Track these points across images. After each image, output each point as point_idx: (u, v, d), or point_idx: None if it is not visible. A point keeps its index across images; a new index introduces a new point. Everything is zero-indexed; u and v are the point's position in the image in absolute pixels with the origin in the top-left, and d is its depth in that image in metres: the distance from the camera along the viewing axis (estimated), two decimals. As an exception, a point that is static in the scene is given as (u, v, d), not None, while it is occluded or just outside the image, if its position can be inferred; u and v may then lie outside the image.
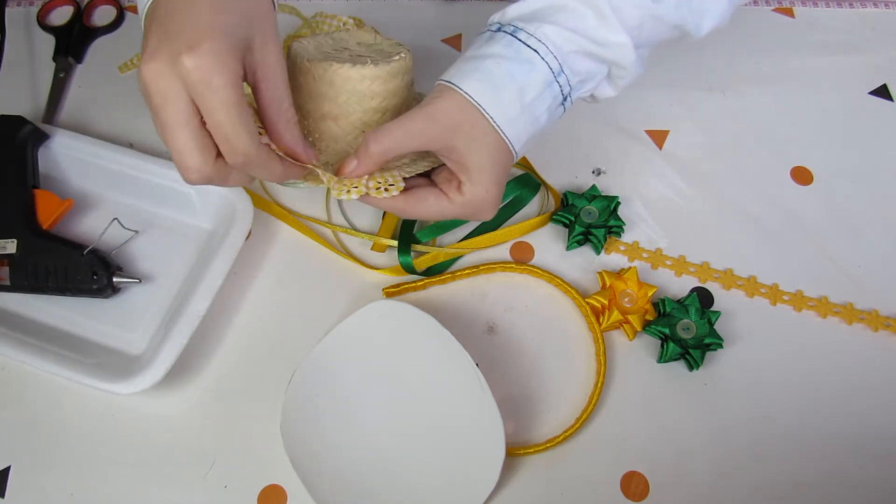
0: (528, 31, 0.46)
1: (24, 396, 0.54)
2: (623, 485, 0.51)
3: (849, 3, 0.75)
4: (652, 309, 0.56)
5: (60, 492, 0.51)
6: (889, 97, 0.69)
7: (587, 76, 0.48)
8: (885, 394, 0.55)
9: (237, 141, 0.39)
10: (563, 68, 0.47)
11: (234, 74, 0.38)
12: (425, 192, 0.48)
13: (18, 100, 0.67)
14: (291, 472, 0.49)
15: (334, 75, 0.47)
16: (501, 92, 0.45)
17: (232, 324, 0.57)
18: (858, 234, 0.61)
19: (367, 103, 0.48)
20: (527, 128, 0.47)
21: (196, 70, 0.37)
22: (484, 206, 0.48)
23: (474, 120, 0.45)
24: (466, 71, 0.46)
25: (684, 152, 0.65)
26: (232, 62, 0.38)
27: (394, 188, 0.46)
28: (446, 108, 0.45)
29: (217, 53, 0.37)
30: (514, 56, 0.46)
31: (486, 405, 0.49)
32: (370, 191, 0.46)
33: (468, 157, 0.46)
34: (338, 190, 0.45)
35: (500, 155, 0.47)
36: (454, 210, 0.48)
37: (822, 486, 0.51)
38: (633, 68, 0.49)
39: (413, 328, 0.52)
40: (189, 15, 0.38)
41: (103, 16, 0.73)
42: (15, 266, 0.54)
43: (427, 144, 0.46)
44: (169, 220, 0.60)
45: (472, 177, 0.46)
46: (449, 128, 0.45)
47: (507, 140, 0.46)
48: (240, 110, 0.39)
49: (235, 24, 0.39)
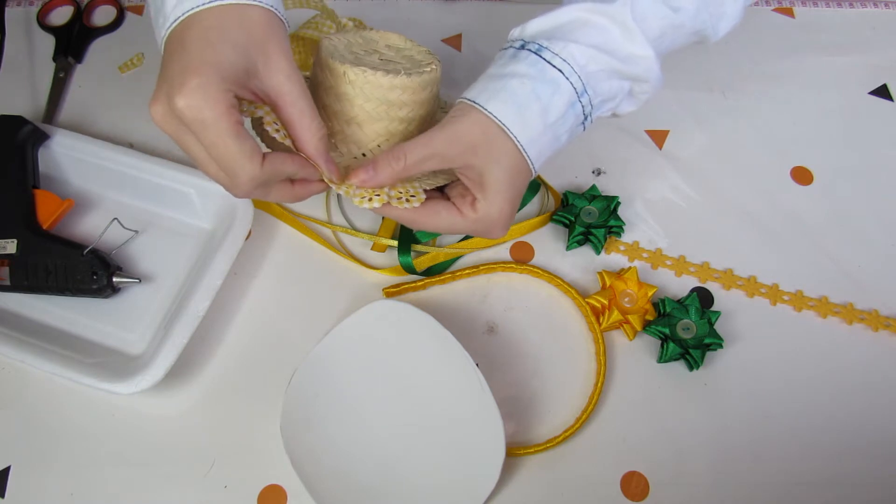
0: (553, 50, 0.46)
1: (24, 396, 0.54)
2: (623, 485, 0.51)
3: (849, 3, 0.75)
4: (652, 309, 0.56)
5: (60, 492, 0.51)
6: (889, 97, 0.69)
7: (608, 96, 0.48)
8: (885, 394, 0.55)
9: (237, 172, 0.41)
10: (586, 88, 0.47)
11: (224, 106, 0.39)
12: (438, 206, 0.48)
13: (18, 100, 0.67)
14: (291, 472, 0.49)
15: (365, 82, 0.47)
16: (525, 112, 0.45)
17: (232, 324, 0.57)
18: (858, 234, 0.61)
19: (394, 112, 0.48)
20: (547, 147, 0.47)
21: (187, 109, 0.39)
22: (496, 224, 0.48)
23: (495, 139, 0.45)
24: (491, 91, 0.46)
25: (684, 152, 0.65)
26: (221, 94, 0.39)
27: (415, 199, 0.46)
28: (468, 129, 0.45)
29: (204, 88, 0.39)
30: (539, 76, 0.46)
31: (486, 405, 0.49)
32: (392, 200, 0.46)
33: (485, 176, 0.46)
34: (360, 198, 0.45)
35: (518, 176, 0.47)
36: (465, 225, 0.48)
37: (821, 486, 0.51)
38: (656, 82, 0.49)
39: (413, 328, 0.52)
40: (182, 55, 0.40)
41: (103, 16, 0.73)
42: (15, 266, 0.54)
43: (446, 163, 0.46)
44: (169, 220, 0.60)
45: (487, 195, 0.46)
46: (469, 147, 0.45)
47: (528, 159, 0.46)
48: (233, 142, 0.40)
49: (226, 56, 0.40)
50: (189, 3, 0.41)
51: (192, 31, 0.40)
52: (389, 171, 0.45)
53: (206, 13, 0.41)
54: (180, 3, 0.41)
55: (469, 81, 0.48)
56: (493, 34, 0.72)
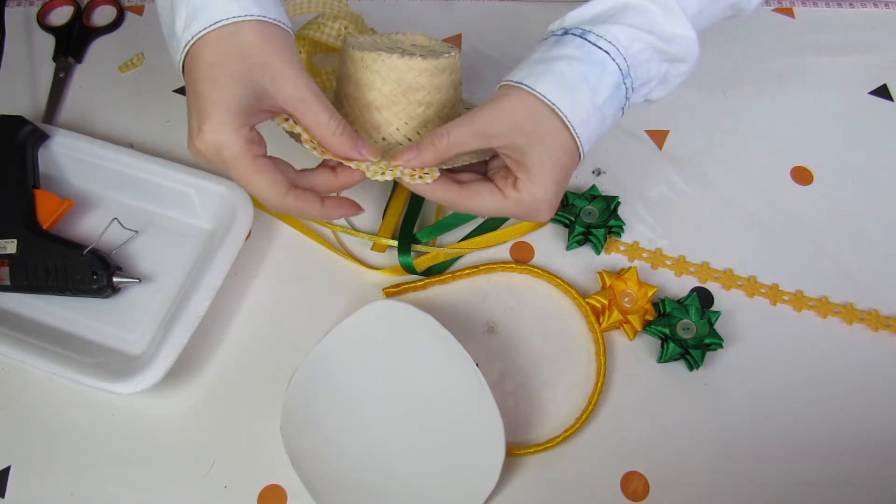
0: (597, 32, 0.46)
1: (24, 396, 0.54)
2: (623, 485, 0.51)
3: (849, 3, 0.75)
4: (652, 309, 0.56)
5: (60, 492, 0.51)
6: (889, 97, 0.69)
7: (646, 79, 0.48)
8: (885, 394, 0.55)
9: (263, 198, 0.44)
10: (629, 70, 0.47)
11: (241, 144, 0.42)
12: (480, 187, 0.48)
13: (18, 100, 0.67)
14: (291, 472, 0.49)
15: (382, 65, 0.48)
16: (575, 94, 0.45)
17: (232, 324, 0.57)
18: (858, 234, 0.61)
19: (412, 95, 0.49)
20: (596, 130, 0.47)
21: (207, 151, 0.42)
22: (540, 206, 0.47)
23: (540, 119, 0.45)
24: (538, 73, 0.45)
25: (684, 152, 0.65)
26: (235, 133, 0.42)
27: (428, 176, 0.46)
28: (512, 107, 0.45)
29: (217, 131, 0.42)
30: (586, 58, 0.46)
31: (486, 405, 0.49)
32: (405, 176, 0.46)
33: (529, 155, 0.45)
34: (372, 171, 0.46)
35: (565, 156, 0.46)
36: (508, 207, 0.47)
37: (821, 486, 0.51)
38: (694, 62, 0.48)
39: (413, 328, 0.52)
40: (194, 98, 0.42)
41: (103, 16, 0.73)
42: (15, 266, 0.54)
43: (489, 142, 0.46)
44: (169, 220, 0.60)
45: (530, 175, 0.46)
46: (512, 126, 0.45)
47: (578, 141, 0.46)
48: (253, 172, 0.43)
49: (231, 91, 0.42)
50: (189, 31, 0.42)
51: (197, 68, 0.42)
52: (433, 149, 0.45)
53: (204, 46, 0.42)
54: (186, 28, 0.42)
55: (470, 81, 0.48)
56: (493, 34, 0.72)
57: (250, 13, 0.42)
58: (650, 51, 0.47)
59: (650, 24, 0.46)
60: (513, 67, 0.47)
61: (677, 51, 0.47)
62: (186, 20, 0.42)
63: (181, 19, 0.42)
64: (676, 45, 0.47)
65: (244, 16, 0.42)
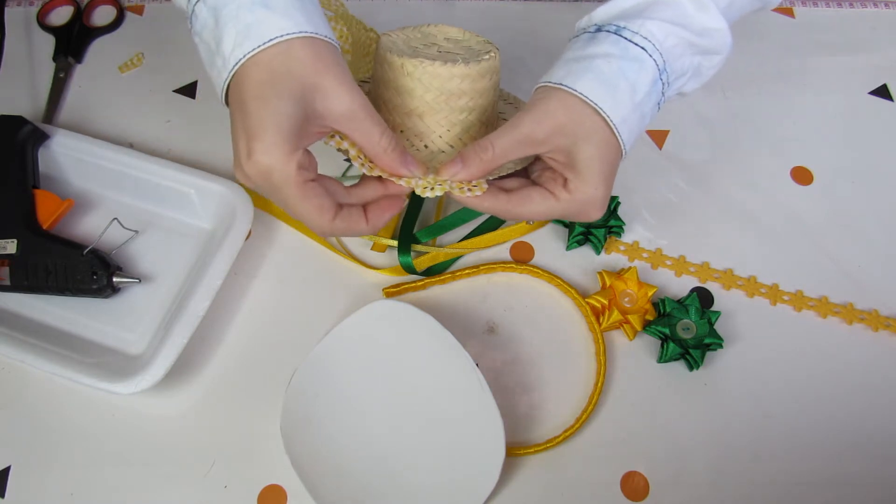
0: (632, 28, 0.46)
1: (24, 396, 0.54)
2: (623, 485, 0.51)
3: (849, 3, 0.75)
4: (652, 309, 0.56)
5: (60, 492, 0.51)
6: (889, 97, 0.69)
7: (680, 73, 0.48)
8: (885, 394, 0.55)
9: (312, 223, 0.43)
10: (665, 65, 0.46)
11: (291, 164, 0.41)
12: (530, 192, 0.47)
13: (18, 100, 0.67)
14: (291, 472, 0.49)
15: (423, 73, 0.47)
16: (615, 91, 0.45)
17: (232, 324, 0.57)
18: (858, 234, 0.61)
19: (454, 102, 0.48)
20: (636, 126, 0.46)
21: (257, 175, 0.41)
22: (593, 204, 0.46)
23: (582, 119, 0.44)
24: (577, 72, 0.45)
25: (684, 152, 0.65)
26: (285, 156, 0.40)
27: (476, 188, 0.46)
28: (553, 110, 0.45)
29: (269, 153, 0.40)
30: (623, 54, 0.45)
31: (486, 405, 0.49)
32: (454, 189, 0.45)
33: (576, 155, 0.45)
34: (421, 188, 0.45)
35: (611, 153, 0.46)
36: (561, 208, 0.47)
37: (821, 486, 0.51)
38: (727, 54, 0.48)
39: (413, 328, 0.52)
40: (244, 117, 0.41)
41: (103, 16, 0.73)
42: (15, 266, 0.54)
43: (535, 149, 0.45)
44: (169, 220, 0.60)
45: (580, 175, 0.45)
46: (555, 129, 0.44)
47: (620, 139, 0.45)
48: (301, 199, 0.42)
49: (283, 110, 0.40)
50: (241, 50, 0.41)
51: (246, 88, 0.41)
52: (478, 161, 0.45)
53: (255, 66, 0.40)
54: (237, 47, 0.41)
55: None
56: (493, 34, 0.72)
57: (303, 30, 0.41)
58: (684, 45, 0.46)
59: (682, 18, 0.46)
60: (514, 68, 0.47)
61: (710, 43, 0.47)
62: (237, 39, 0.40)
63: (230, 38, 0.41)
64: (709, 38, 0.47)
65: (297, 33, 0.40)
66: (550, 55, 0.51)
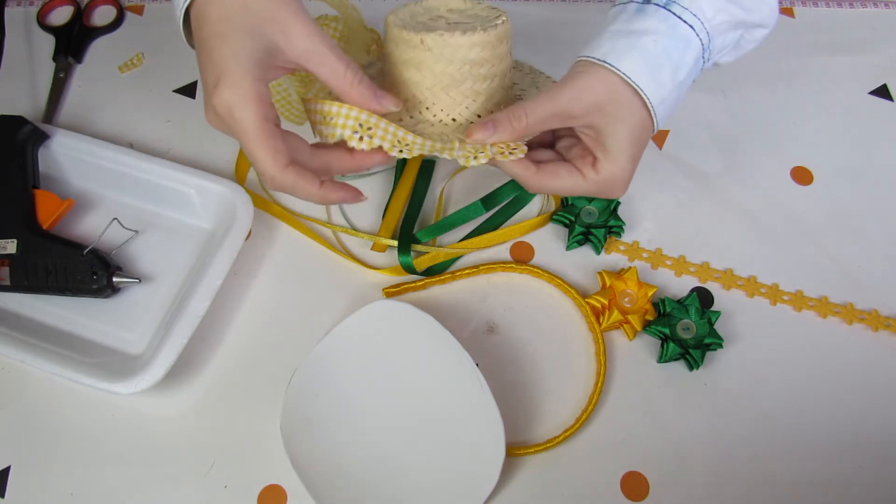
0: (682, 4, 0.44)
1: (24, 396, 0.54)
2: (623, 485, 0.51)
3: (849, 3, 0.75)
4: (652, 309, 0.56)
5: (60, 492, 0.51)
6: (889, 97, 0.69)
7: (722, 48, 0.47)
8: (885, 394, 0.55)
9: (262, 169, 0.42)
10: (710, 43, 0.45)
11: (254, 99, 0.41)
12: (557, 167, 0.47)
13: (18, 100, 0.67)
14: (291, 472, 0.49)
15: (445, 45, 0.46)
16: (658, 72, 0.44)
17: (232, 324, 0.57)
18: (858, 234, 0.61)
19: (477, 70, 0.47)
20: (672, 105, 0.46)
21: (219, 106, 0.41)
22: (619, 183, 0.47)
23: (621, 99, 0.44)
24: (621, 49, 0.44)
25: (684, 152, 0.65)
26: (248, 86, 0.40)
27: (518, 151, 0.45)
28: (593, 87, 0.44)
29: (232, 87, 0.40)
30: (671, 32, 0.44)
31: (486, 405, 0.49)
32: (496, 155, 0.45)
33: (608, 134, 0.45)
34: (465, 157, 0.45)
35: (642, 133, 0.45)
36: (586, 187, 0.47)
37: (821, 486, 0.51)
38: (772, 27, 0.47)
39: (413, 328, 0.52)
40: (206, 57, 0.42)
41: (103, 16, 0.73)
42: (15, 266, 0.54)
43: (568, 122, 0.45)
44: (169, 220, 0.60)
45: (609, 154, 0.45)
46: (594, 105, 0.44)
47: (654, 118, 0.45)
48: (259, 137, 0.41)
49: (241, 46, 0.41)
50: None
51: (206, 26, 0.41)
52: (510, 129, 0.44)
53: (209, 5, 0.41)
54: None
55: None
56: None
57: None
58: (732, 22, 0.46)
59: None
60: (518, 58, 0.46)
61: (758, 18, 0.46)
62: None
63: None
64: (758, 13, 0.46)
65: None
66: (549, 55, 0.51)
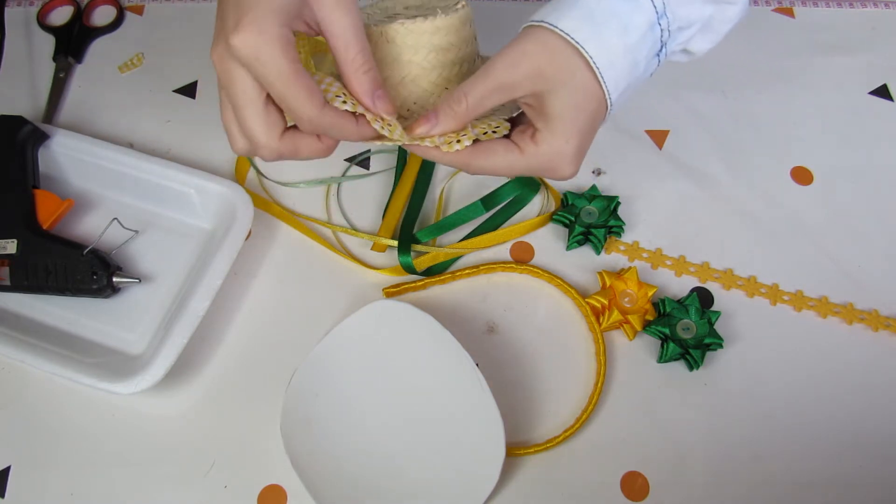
0: None
1: (24, 396, 0.54)
2: (623, 485, 0.51)
3: (849, 3, 0.75)
4: (652, 309, 0.56)
5: (60, 492, 0.51)
6: (889, 97, 0.69)
7: (685, 23, 0.43)
8: (885, 394, 0.55)
9: (298, 108, 0.39)
10: (665, 9, 0.42)
11: (281, 42, 0.37)
12: (493, 144, 0.43)
13: (18, 100, 0.67)
14: (291, 472, 0.49)
15: (407, 34, 0.44)
16: (602, 30, 0.40)
17: (232, 324, 0.57)
18: (858, 234, 0.61)
19: (444, 56, 0.45)
20: (626, 74, 0.41)
21: (243, 47, 0.37)
22: (562, 159, 0.42)
23: (562, 62, 0.40)
24: (561, 9, 0.41)
25: (684, 152, 0.65)
26: (276, 29, 0.37)
27: (466, 139, 0.43)
28: (531, 51, 0.41)
29: (260, 25, 0.37)
30: None
31: (486, 405, 0.49)
32: (441, 146, 0.42)
33: (550, 102, 0.41)
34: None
35: (590, 102, 0.41)
36: (524, 163, 0.42)
37: (821, 486, 0.51)
38: (743, 6, 0.44)
39: (413, 328, 0.52)
40: None
41: (103, 16, 0.73)
42: (15, 266, 0.54)
43: (511, 93, 0.41)
44: (169, 220, 0.60)
45: (550, 124, 0.41)
46: (532, 71, 0.41)
47: (603, 85, 0.41)
48: (292, 77, 0.38)
49: None
50: None
51: None
52: (452, 115, 0.42)
53: None
54: None
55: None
56: (493, 34, 0.72)
57: None
58: None
59: None
60: None
61: None
62: None
63: None
64: None
65: None
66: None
